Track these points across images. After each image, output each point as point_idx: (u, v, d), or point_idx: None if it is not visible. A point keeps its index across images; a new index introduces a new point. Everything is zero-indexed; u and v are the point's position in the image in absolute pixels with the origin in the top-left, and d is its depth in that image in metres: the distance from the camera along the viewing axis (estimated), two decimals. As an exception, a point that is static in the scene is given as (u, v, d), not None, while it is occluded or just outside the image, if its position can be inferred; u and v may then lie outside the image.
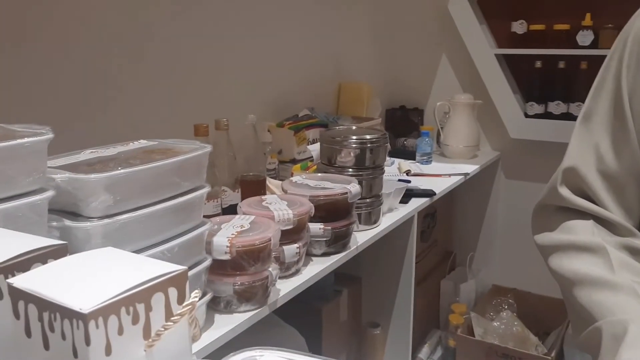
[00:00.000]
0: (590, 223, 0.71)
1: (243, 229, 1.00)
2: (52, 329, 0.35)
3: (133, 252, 0.74)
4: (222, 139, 1.30)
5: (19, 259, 0.41)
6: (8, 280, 0.37)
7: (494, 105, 2.26)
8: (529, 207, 2.58)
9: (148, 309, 0.37)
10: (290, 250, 1.10)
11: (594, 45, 2.06)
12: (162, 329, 0.37)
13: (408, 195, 1.65)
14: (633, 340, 0.58)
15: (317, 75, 2.07)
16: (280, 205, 1.13)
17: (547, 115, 2.19)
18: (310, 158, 1.77)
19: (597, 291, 0.66)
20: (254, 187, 1.40)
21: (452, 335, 2.16)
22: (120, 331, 0.36)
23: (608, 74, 0.73)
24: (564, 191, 0.74)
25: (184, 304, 0.38)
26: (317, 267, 1.18)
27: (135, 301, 0.36)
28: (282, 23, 1.84)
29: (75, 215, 0.73)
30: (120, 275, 0.38)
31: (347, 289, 1.65)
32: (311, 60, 2.02)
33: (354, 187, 1.25)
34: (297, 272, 1.15)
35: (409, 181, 1.79)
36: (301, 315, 1.46)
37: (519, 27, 2.20)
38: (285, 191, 1.25)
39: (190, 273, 0.86)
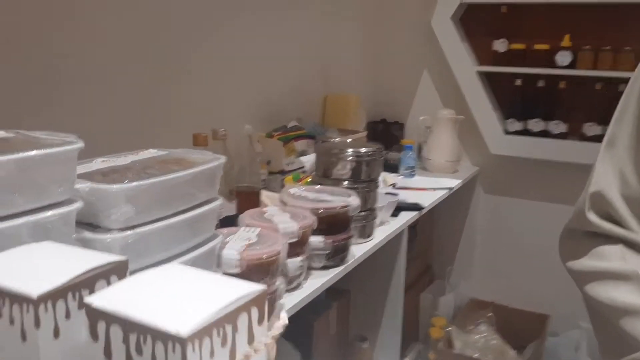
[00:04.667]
0: (619, 248, 0.72)
1: (251, 241, 0.97)
2: (139, 352, 0.33)
3: (149, 265, 0.72)
4: (220, 149, 1.27)
5: (84, 277, 0.39)
6: (87, 300, 0.35)
7: (475, 121, 2.30)
8: (506, 222, 2.62)
9: (235, 330, 0.36)
10: (294, 263, 1.09)
11: (572, 65, 2.12)
12: (253, 352, 0.35)
13: (397, 208, 1.65)
14: None
15: (305, 87, 2.07)
16: (283, 217, 1.11)
17: (526, 132, 2.24)
18: (300, 169, 1.76)
19: (639, 320, 0.67)
20: (249, 198, 1.38)
21: (433, 349, 2.17)
22: (212, 354, 0.34)
23: (631, 99, 0.74)
24: (592, 216, 0.75)
25: (274, 327, 0.36)
26: (318, 281, 1.16)
27: (225, 322, 0.35)
28: (273, 32, 1.83)
29: (92, 226, 0.70)
30: (206, 295, 0.36)
31: (336, 302, 1.64)
32: (299, 71, 2.02)
33: (354, 200, 1.24)
34: (298, 285, 1.13)
35: (395, 194, 1.79)
36: (292, 329, 1.44)
37: (500, 45, 2.25)
38: (284, 203, 1.24)
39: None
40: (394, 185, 1.96)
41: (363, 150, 1.39)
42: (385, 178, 2.04)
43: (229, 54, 1.66)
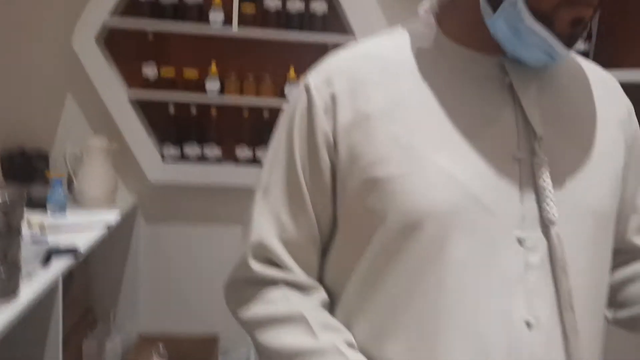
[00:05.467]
0: (282, 290, 0.74)
1: None
2: None
3: None
4: None
5: None
6: None
7: (130, 149, 2.19)
8: (170, 250, 2.59)
9: None
10: None
11: (220, 93, 2.20)
12: None
13: (49, 256, 1.43)
14: None
15: None
16: None
17: (184, 159, 2.24)
18: None
19: None
20: None
21: (103, 402, 1.97)
22: None
23: (280, 148, 0.76)
24: (254, 265, 0.75)
25: None
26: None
27: None
28: None
29: None
30: None
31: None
32: None
33: (-12, 260, 1.00)
34: None
35: (46, 240, 1.56)
36: None
37: (150, 71, 2.19)
38: None
39: None
40: (42, 228, 1.70)
41: (-3, 194, 1.14)
42: (30, 220, 1.76)
43: None
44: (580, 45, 2.16)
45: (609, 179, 0.74)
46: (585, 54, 2.17)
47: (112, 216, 1.93)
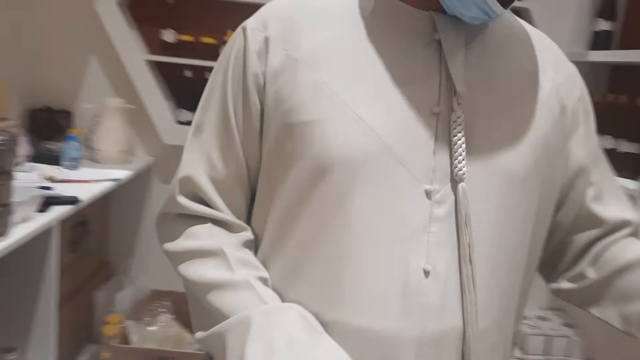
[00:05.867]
0: (208, 226, 0.76)
1: None
2: None
3: None
4: None
5: None
6: None
7: (146, 111, 2.26)
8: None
9: None
10: None
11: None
12: None
13: (48, 203, 1.52)
14: (256, 332, 0.64)
15: None
16: None
17: (197, 123, 2.29)
18: None
19: (222, 293, 0.71)
20: None
21: (106, 347, 2.08)
22: None
23: (215, 88, 0.78)
24: (182, 199, 0.77)
25: None
26: None
27: None
28: None
29: None
30: None
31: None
32: None
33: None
34: None
35: (49, 188, 1.65)
36: None
37: (169, 35, 2.25)
38: None
39: None
40: (51, 178, 1.80)
41: (-11, 139, 1.22)
42: (43, 171, 1.86)
43: None
44: (603, 25, 2.08)
45: (529, 143, 0.73)
46: (608, 34, 2.08)
47: (123, 173, 2.01)
